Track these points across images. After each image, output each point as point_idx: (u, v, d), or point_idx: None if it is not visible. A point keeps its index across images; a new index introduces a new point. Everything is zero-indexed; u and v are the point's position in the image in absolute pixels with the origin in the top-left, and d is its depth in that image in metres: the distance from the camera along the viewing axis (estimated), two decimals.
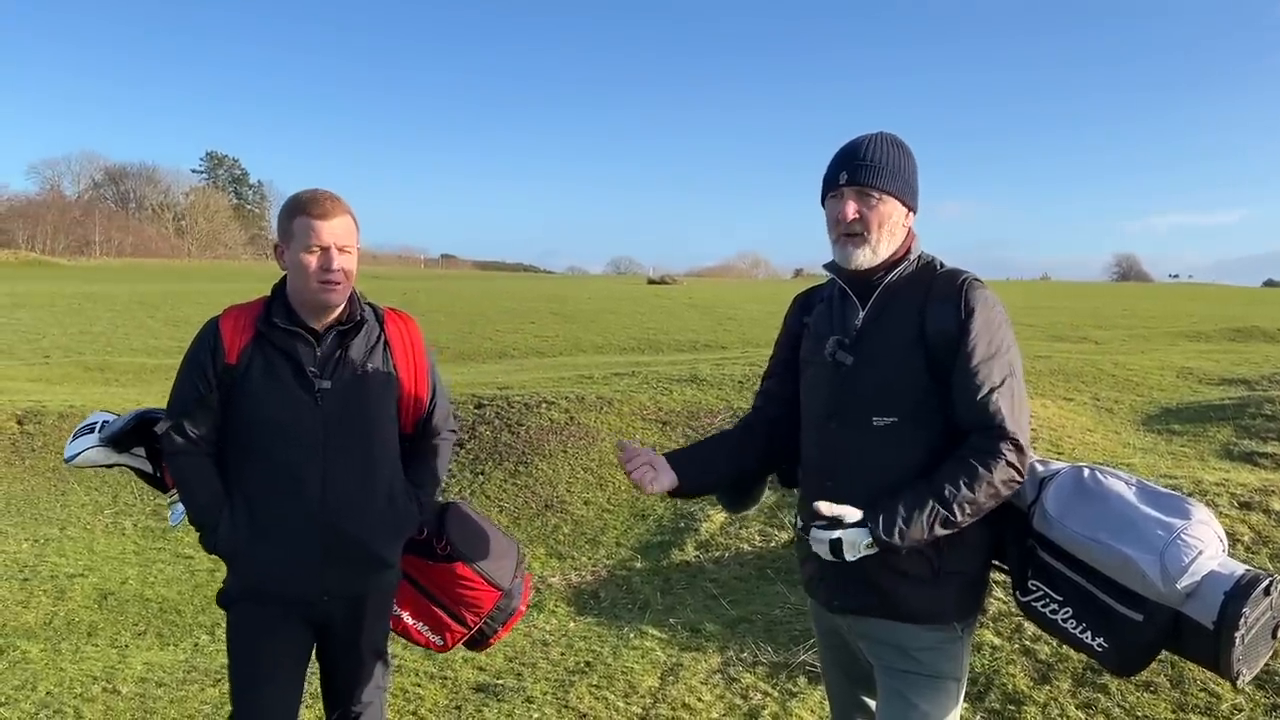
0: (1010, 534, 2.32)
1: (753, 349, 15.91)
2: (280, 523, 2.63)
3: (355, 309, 2.75)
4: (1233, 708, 3.73)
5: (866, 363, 2.31)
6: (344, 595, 2.73)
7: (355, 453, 2.70)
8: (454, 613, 3.06)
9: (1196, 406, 8.66)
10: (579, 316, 22.82)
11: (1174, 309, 27.78)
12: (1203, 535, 2.05)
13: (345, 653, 2.82)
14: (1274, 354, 12.60)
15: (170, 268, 59.84)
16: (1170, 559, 2.01)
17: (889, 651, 2.32)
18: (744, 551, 6.34)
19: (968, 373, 2.19)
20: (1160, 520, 2.09)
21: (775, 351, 2.69)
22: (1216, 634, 1.98)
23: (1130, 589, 2.08)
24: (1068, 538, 2.18)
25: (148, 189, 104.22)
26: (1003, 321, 2.26)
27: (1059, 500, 2.22)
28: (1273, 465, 6.68)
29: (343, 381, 2.67)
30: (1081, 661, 4.14)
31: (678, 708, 4.25)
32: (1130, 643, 2.10)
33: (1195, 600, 2.01)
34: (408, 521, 2.84)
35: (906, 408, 2.26)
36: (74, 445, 3.15)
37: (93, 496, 8.18)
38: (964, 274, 2.31)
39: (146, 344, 18.33)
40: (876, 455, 2.28)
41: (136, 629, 5.78)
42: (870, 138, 2.37)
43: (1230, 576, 2.00)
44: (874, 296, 2.35)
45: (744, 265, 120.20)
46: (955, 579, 2.27)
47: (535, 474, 7.96)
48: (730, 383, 9.64)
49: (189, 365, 2.68)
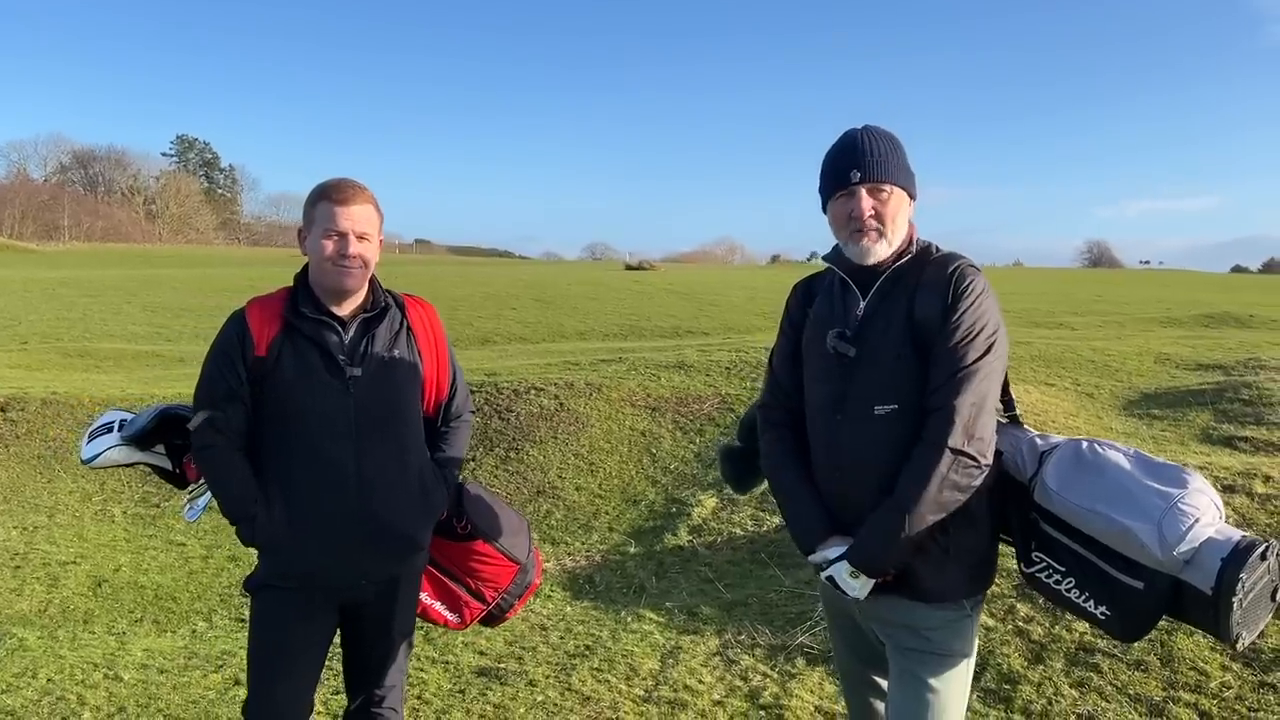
0: (1013, 507, 2.38)
1: (735, 335, 16.00)
2: (318, 510, 2.66)
3: (379, 296, 2.79)
4: (1221, 685, 3.84)
5: (867, 353, 2.35)
6: (379, 579, 2.78)
7: (387, 438, 2.74)
8: (473, 589, 3.12)
9: (1175, 392, 8.81)
10: (560, 302, 22.80)
11: (1146, 295, 28.12)
12: (1199, 503, 2.10)
13: (377, 635, 2.86)
14: (1247, 340, 12.80)
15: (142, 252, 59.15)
16: (1168, 527, 2.07)
17: (901, 631, 2.37)
18: (736, 536, 6.41)
19: (941, 354, 2.24)
20: (1158, 490, 2.14)
21: (779, 342, 2.71)
22: (1215, 599, 2.03)
23: (1130, 557, 2.13)
24: (1068, 509, 2.23)
25: (117, 172, 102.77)
26: (989, 308, 2.30)
27: (1059, 473, 2.27)
28: (1251, 449, 6.82)
29: (371, 368, 2.70)
30: (1074, 641, 4.24)
31: (679, 689, 4.31)
32: (1132, 610, 2.16)
33: (1193, 567, 2.06)
34: (438, 503, 2.89)
35: (905, 396, 2.30)
36: (92, 446, 3.11)
37: (80, 484, 8.14)
38: (956, 261, 2.35)
39: (125, 330, 18.15)
40: (881, 444, 2.31)
41: (133, 616, 5.78)
42: (864, 133, 2.42)
43: (1227, 543, 2.05)
44: (875, 286, 2.40)
45: (720, 251, 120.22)
46: (964, 558, 2.33)
47: (526, 460, 8.00)
48: (718, 369, 9.70)
49: (218, 359, 2.69)
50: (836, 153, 2.43)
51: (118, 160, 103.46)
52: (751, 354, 10.23)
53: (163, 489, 7.98)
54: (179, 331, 18.19)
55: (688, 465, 7.75)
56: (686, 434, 8.29)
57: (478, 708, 4.20)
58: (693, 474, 7.58)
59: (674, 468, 7.75)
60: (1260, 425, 7.30)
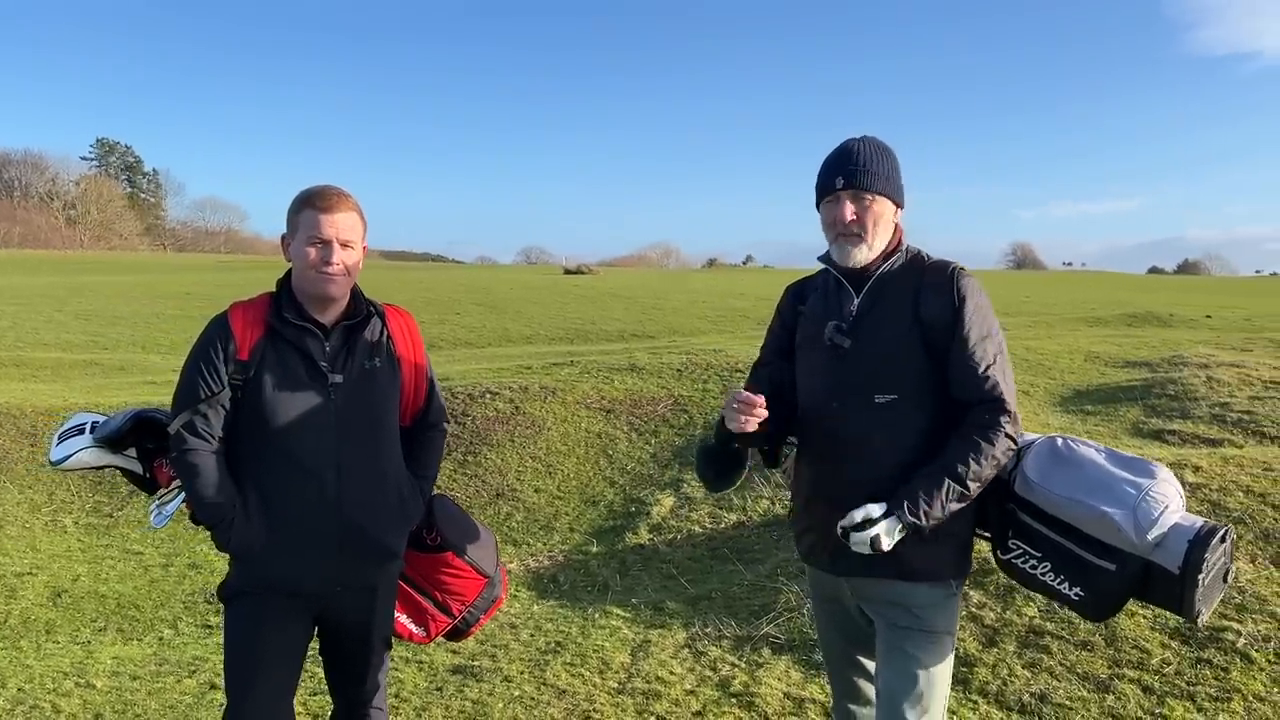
0: (990, 499, 2.52)
1: (681, 338, 16.21)
2: (296, 516, 2.66)
3: (360, 304, 2.80)
4: (1162, 661, 4.11)
5: (865, 345, 2.50)
6: (356, 586, 2.79)
7: (367, 445, 2.75)
8: (439, 602, 3.12)
9: (1106, 388, 9.21)
10: (504, 307, 22.81)
11: (1071, 296, 29.02)
12: (1167, 492, 2.31)
13: (356, 642, 2.87)
14: (1170, 338, 13.35)
15: (64, 259, 57.48)
16: (1141, 513, 2.27)
17: (891, 609, 2.52)
18: (695, 533, 6.59)
19: (965, 353, 2.42)
20: (1130, 480, 2.35)
21: (768, 340, 2.84)
22: (1182, 578, 2.24)
23: (1105, 541, 2.33)
24: (1048, 499, 2.41)
25: (34, 176, 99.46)
26: (989, 306, 2.51)
27: (1038, 466, 2.46)
28: (1179, 441, 7.19)
29: (353, 376, 2.72)
30: (1024, 625, 4.48)
31: (652, 681, 4.46)
32: (1104, 590, 2.36)
33: (1162, 549, 2.27)
34: (413, 512, 2.91)
35: (905, 386, 2.47)
36: (63, 448, 3.05)
37: (27, 495, 8.02)
38: (951, 264, 2.54)
39: (59, 338, 17.72)
40: (880, 432, 2.47)
41: (96, 625, 5.75)
42: (858, 143, 2.58)
43: (1191, 527, 2.28)
44: (868, 285, 2.56)
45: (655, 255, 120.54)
46: (951, 540, 2.49)
47: (484, 464, 8.09)
48: (669, 371, 9.87)
49: (199, 362, 2.66)
50: (830, 160, 2.59)
51: (34, 164, 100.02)
52: (701, 357, 10.43)
53: (114, 498, 7.91)
54: (115, 340, 17.81)
55: (644, 466, 7.91)
56: (642, 435, 8.45)
57: (456, 704, 4.30)
58: (649, 474, 7.74)
59: (631, 468, 7.91)
60: (1186, 419, 7.69)
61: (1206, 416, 7.64)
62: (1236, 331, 14.48)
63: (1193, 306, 22.10)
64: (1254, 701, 3.78)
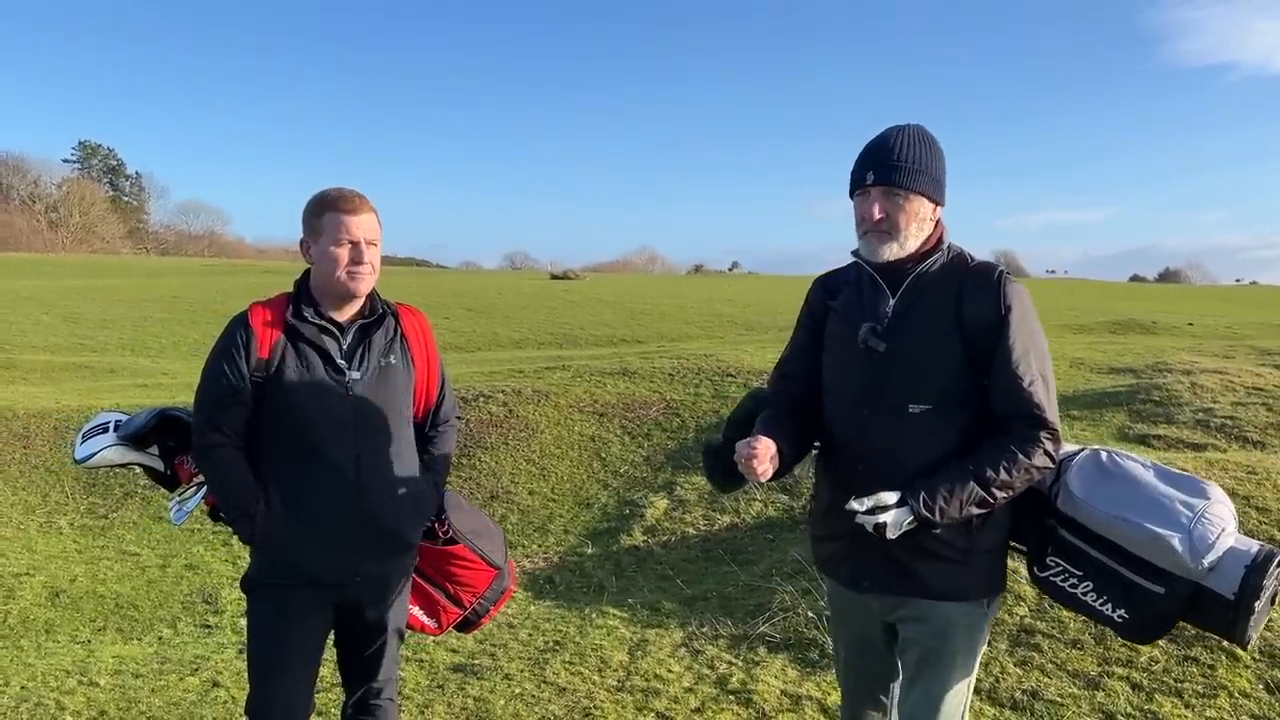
0: (1027, 513, 2.42)
1: (670, 343, 16.29)
2: (317, 508, 2.74)
3: (376, 304, 2.91)
4: (1150, 659, 4.21)
5: (902, 350, 2.35)
6: (373, 576, 2.87)
7: (383, 440, 2.84)
8: (451, 594, 3.19)
9: (1092, 394, 9.33)
10: (492, 311, 22.85)
11: (1055, 303, 29.18)
12: (1222, 514, 2.20)
13: (372, 632, 2.94)
14: (1153, 345, 13.51)
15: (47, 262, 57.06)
16: (1197, 537, 2.15)
17: (918, 627, 2.40)
18: (689, 535, 6.67)
19: (1009, 364, 2.27)
20: (1183, 499, 2.22)
21: (796, 334, 2.69)
22: (1237, 604, 2.14)
23: (1153, 563, 2.20)
24: (1094, 517, 2.29)
25: (15, 179, 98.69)
26: (1035, 315, 2.35)
27: (1083, 481, 2.33)
28: (1164, 446, 7.32)
29: (369, 373, 2.81)
30: (1015, 624, 4.58)
31: (650, 679, 4.53)
32: (1152, 613, 2.24)
33: (1216, 574, 2.15)
34: (429, 505, 3.00)
35: (942, 394, 2.32)
36: (87, 446, 3.12)
37: (21, 496, 8.03)
38: (998, 267, 2.38)
39: (48, 341, 17.66)
40: (911, 441, 2.33)
41: (95, 625, 5.79)
42: (898, 133, 2.40)
43: (1248, 552, 2.17)
44: (905, 285, 2.40)
45: (640, 260, 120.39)
46: (983, 558, 2.38)
47: (479, 466, 8.15)
48: (661, 375, 9.96)
49: (221, 360, 2.74)
50: (865, 151, 2.42)
51: (16, 166, 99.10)
52: (692, 361, 10.52)
53: (109, 500, 7.94)
54: (104, 343, 17.77)
55: (637, 469, 7.99)
56: (634, 438, 8.53)
57: (459, 701, 4.36)
58: (642, 477, 7.82)
59: (624, 471, 7.99)
60: (1171, 424, 7.82)
61: (1190, 422, 7.77)
62: (1218, 339, 14.66)
63: (1175, 314, 22.33)
64: (1240, 698, 3.88)
